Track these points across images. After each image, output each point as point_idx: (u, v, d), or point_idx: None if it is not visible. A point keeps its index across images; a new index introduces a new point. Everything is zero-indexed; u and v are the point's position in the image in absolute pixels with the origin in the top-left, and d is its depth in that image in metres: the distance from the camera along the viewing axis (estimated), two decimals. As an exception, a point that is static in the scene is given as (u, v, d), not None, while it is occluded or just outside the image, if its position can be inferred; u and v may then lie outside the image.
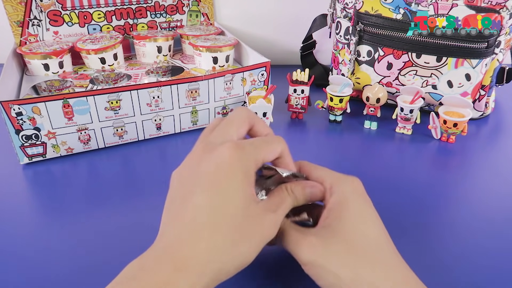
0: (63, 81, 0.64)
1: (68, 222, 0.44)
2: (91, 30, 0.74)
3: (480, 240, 0.42)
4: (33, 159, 0.53)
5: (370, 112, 0.64)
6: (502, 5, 0.56)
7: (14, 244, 0.40)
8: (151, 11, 0.76)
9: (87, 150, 0.56)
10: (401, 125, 0.63)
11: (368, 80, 0.67)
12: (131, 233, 0.42)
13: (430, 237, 0.42)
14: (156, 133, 0.60)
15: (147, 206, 0.46)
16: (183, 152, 0.36)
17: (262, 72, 0.62)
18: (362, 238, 0.31)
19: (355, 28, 0.64)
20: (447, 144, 0.60)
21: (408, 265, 0.31)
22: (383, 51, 0.63)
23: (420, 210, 0.46)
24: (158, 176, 0.52)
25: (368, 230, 0.31)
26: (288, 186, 0.34)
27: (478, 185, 0.51)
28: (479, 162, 0.56)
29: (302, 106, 0.66)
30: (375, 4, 0.62)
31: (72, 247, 0.40)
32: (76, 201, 0.47)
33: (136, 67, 0.71)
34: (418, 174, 0.53)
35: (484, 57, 0.59)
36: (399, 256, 0.31)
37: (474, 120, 0.66)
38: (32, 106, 0.49)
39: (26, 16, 0.68)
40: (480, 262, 0.39)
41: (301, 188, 0.34)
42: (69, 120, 0.52)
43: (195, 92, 0.58)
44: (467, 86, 0.61)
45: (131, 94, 0.54)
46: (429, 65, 0.61)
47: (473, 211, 0.46)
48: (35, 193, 0.49)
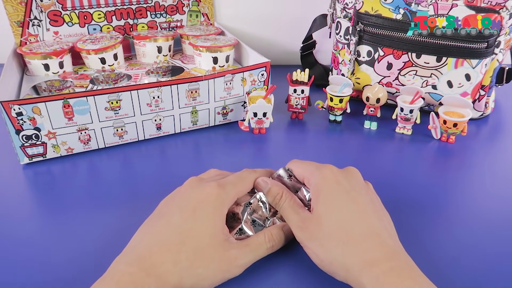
0: (63, 81, 0.64)
1: (68, 222, 0.44)
2: (91, 30, 0.74)
3: (480, 240, 0.42)
4: (33, 159, 0.53)
5: (370, 112, 0.64)
6: (501, 5, 0.56)
7: (14, 244, 0.41)
8: (151, 11, 0.76)
9: (87, 150, 0.56)
10: (401, 125, 0.63)
11: (368, 80, 0.67)
12: (131, 233, 0.42)
13: (429, 237, 0.42)
14: (156, 133, 0.60)
15: (147, 206, 0.46)
16: (183, 152, 0.37)
17: (262, 72, 0.62)
18: (334, 222, 0.35)
19: (355, 28, 0.64)
20: (447, 144, 0.60)
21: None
22: (383, 51, 0.63)
23: (420, 210, 0.46)
24: (158, 176, 0.52)
25: (339, 213, 0.35)
26: (267, 233, 0.38)
27: (477, 185, 0.51)
28: (478, 162, 0.56)
29: (302, 106, 0.66)
30: (375, 4, 0.62)
31: (72, 247, 0.40)
32: (76, 201, 0.47)
33: (136, 67, 0.71)
34: (418, 174, 0.53)
35: (484, 57, 0.59)
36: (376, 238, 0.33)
37: (474, 120, 0.66)
38: (32, 106, 0.49)
39: (26, 16, 0.68)
40: (480, 262, 0.39)
41: (279, 229, 0.38)
42: (69, 120, 0.52)
43: (195, 92, 0.58)
44: (467, 86, 0.61)
45: (131, 94, 0.54)
46: (429, 65, 0.61)
47: (473, 211, 0.46)
48: (35, 193, 0.49)
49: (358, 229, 0.34)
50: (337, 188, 0.37)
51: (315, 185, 0.38)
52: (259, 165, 0.45)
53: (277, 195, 0.39)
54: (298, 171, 0.41)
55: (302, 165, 0.41)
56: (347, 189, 0.37)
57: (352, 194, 0.36)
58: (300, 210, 0.37)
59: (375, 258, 0.32)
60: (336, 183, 0.37)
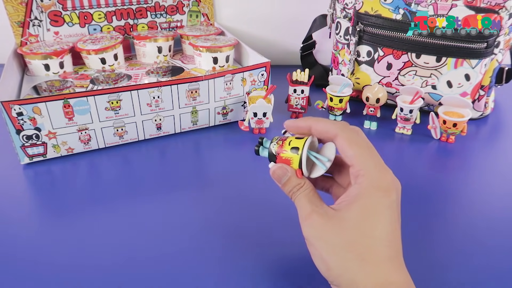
0: (63, 81, 0.64)
1: (68, 222, 0.44)
2: (92, 30, 0.74)
3: (480, 240, 0.42)
4: (34, 159, 0.53)
5: (369, 112, 0.64)
6: (501, 5, 0.56)
7: (14, 244, 0.41)
8: (151, 11, 0.76)
9: (88, 150, 0.56)
10: (401, 125, 0.63)
11: (368, 80, 0.67)
12: (131, 233, 0.42)
13: (429, 236, 0.42)
14: (156, 133, 0.60)
15: (147, 206, 0.46)
16: (183, 152, 0.37)
17: (262, 72, 0.62)
18: (361, 235, 0.30)
19: (355, 28, 0.64)
20: (446, 144, 0.60)
21: (408, 271, 0.30)
22: (383, 51, 0.63)
23: (420, 209, 0.46)
24: (158, 176, 0.52)
25: (371, 230, 0.30)
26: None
27: (477, 185, 0.52)
28: (478, 162, 0.56)
29: (302, 106, 0.66)
30: (375, 4, 0.62)
31: (72, 246, 0.40)
32: (77, 201, 0.47)
33: (137, 67, 0.71)
34: (418, 174, 0.53)
35: (483, 57, 0.59)
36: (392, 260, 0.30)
37: (473, 120, 0.67)
38: (33, 106, 0.49)
39: (26, 16, 0.68)
40: (480, 262, 0.39)
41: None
42: (70, 120, 0.53)
43: (195, 92, 0.58)
44: (466, 86, 0.61)
45: (131, 94, 0.54)
46: (429, 65, 0.61)
47: (473, 211, 0.46)
48: (36, 193, 0.49)
49: (386, 249, 0.30)
50: (381, 200, 0.31)
51: (365, 187, 0.31)
52: (259, 165, 0.45)
53: (297, 185, 0.33)
54: (358, 160, 0.32)
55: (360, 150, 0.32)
56: (392, 205, 0.31)
57: (394, 208, 0.31)
58: (319, 203, 0.32)
59: (391, 283, 0.29)
60: (384, 191, 0.31)
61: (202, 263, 0.38)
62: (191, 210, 0.46)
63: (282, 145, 0.34)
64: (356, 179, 0.32)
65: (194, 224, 0.43)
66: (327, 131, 0.33)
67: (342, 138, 0.32)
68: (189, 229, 0.43)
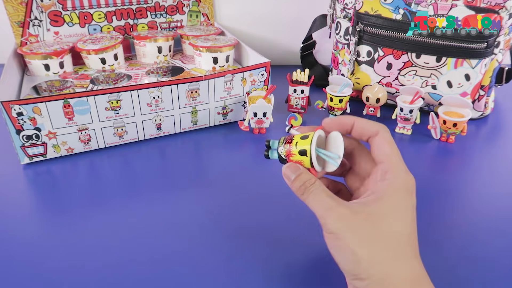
0: (63, 81, 0.64)
1: (68, 222, 0.44)
2: (92, 30, 0.74)
3: (479, 240, 0.42)
4: (34, 159, 0.53)
5: (369, 112, 0.64)
6: (501, 5, 0.56)
7: (14, 244, 0.41)
8: (151, 11, 0.76)
9: (88, 150, 0.56)
10: (401, 125, 0.63)
11: (368, 80, 0.67)
12: (131, 233, 0.42)
13: (429, 236, 0.42)
14: (156, 133, 0.60)
15: (147, 206, 0.46)
16: (183, 152, 0.36)
17: (262, 72, 0.62)
18: (388, 228, 0.31)
19: (355, 28, 0.64)
20: (446, 144, 0.60)
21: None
22: (383, 51, 0.63)
23: (419, 209, 0.46)
24: (158, 176, 0.52)
25: (396, 224, 0.31)
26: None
27: (477, 185, 0.52)
28: (478, 162, 0.56)
29: (302, 106, 0.66)
30: (375, 4, 0.62)
31: (72, 246, 0.40)
32: (77, 201, 0.47)
33: (137, 67, 0.71)
34: (418, 174, 0.53)
35: (483, 57, 0.59)
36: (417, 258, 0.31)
37: (473, 120, 0.67)
38: (33, 106, 0.49)
39: (26, 16, 0.68)
40: (479, 262, 0.39)
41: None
42: (70, 120, 0.53)
43: (195, 92, 0.59)
44: (466, 86, 0.61)
45: (131, 94, 0.54)
46: (429, 65, 0.61)
47: (473, 211, 0.46)
48: (36, 193, 0.49)
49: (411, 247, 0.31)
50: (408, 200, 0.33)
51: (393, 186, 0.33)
52: (259, 165, 0.45)
53: (308, 181, 0.33)
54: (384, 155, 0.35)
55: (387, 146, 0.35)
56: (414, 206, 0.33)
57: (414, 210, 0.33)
58: (338, 198, 0.33)
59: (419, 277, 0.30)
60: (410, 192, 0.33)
61: (202, 263, 0.38)
62: (191, 210, 0.46)
63: (290, 148, 0.35)
64: (384, 175, 0.33)
65: (194, 224, 0.43)
66: (368, 128, 0.35)
67: (382, 136, 0.35)
68: (189, 229, 0.43)
